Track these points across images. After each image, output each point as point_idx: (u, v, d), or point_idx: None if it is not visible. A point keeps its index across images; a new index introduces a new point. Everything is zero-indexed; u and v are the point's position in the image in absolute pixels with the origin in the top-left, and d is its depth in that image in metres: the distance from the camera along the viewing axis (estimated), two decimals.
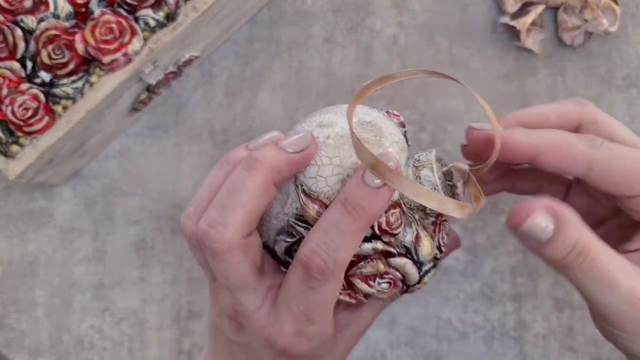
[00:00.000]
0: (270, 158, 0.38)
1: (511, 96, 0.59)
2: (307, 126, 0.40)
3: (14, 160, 0.51)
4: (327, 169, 0.38)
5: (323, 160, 0.38)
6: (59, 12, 0.51)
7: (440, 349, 0.58)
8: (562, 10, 0.58)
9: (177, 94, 0.60)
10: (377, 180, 0.36)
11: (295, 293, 0.38)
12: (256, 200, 0.37)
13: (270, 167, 0.38)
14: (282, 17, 0.60)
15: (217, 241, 0.37)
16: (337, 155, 0.38)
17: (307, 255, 0.37)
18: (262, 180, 0.37)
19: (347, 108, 0.39)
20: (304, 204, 0.38)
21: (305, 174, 0.39)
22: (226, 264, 0.37)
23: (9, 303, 0.59)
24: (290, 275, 0.38)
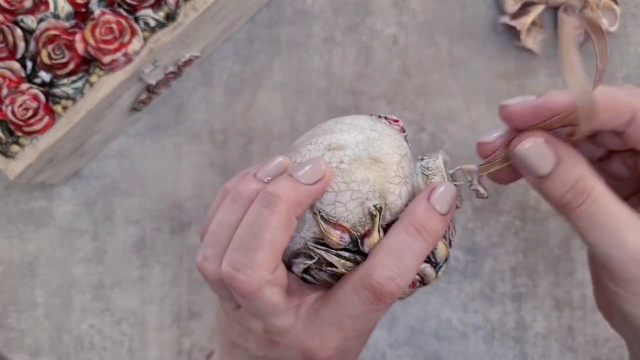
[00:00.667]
0: (289, 192, 0.37)
1: (511, 96, 0.59)
2: (315, 149, 0.40)
3: (14, 160, 0.51)
4: (346, 195, 0.38)
5: (340, 186, 0.38)
6: (59, 12, 0.51)
7: (440, 349, 0.58)
8: (562, 10, 0.58)
9: (177, 94, 0.60)
10: (445, 207, 0.38)
11: (355, 315, 0.38)
12: (281, 237, 0.37)
13: (291, 202, 0.37)
14: (282, 17, 0.60)
15: (247, 284, 0.37)
16: (354, 180, 0.38)
17: (381, 283, 0.37)
18: (285, 215, 0.37)
19: (352, 120, 0.39)
20: (325, 230, 0.38)
21: (323, 201, 0.39)
22: (258, 300, 0.37)
23: (9, 303, 0.59)
24: (349, 297, 0.38)
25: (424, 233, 0.38)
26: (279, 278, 0.38)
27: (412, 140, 0.58)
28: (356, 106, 0.59)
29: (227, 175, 0.59)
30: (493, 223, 0.59)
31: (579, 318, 0.58)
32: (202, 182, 0.59)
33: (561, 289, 0.58)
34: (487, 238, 0.58)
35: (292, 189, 0.38)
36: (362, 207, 0.38)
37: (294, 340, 0.39)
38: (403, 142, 0.42)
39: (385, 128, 0.41)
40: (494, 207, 0.59)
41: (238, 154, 0.59)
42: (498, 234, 0.58)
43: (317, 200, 0.39)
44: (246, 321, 0.40)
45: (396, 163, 0.39)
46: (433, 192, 0.39)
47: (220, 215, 0.40)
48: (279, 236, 0.37)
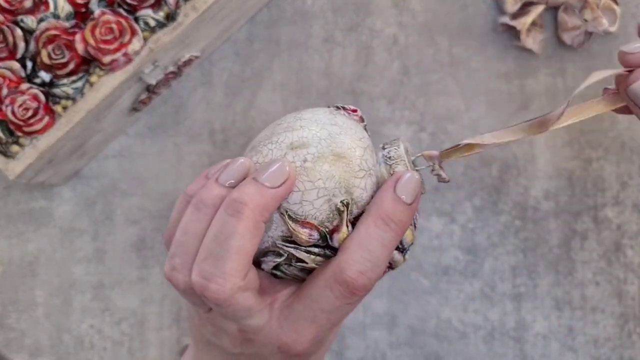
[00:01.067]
0: (255, 198, 0.37)
1: (511, 96, 0.59)
2: (277, 148, 0.39)
3: (14, 160, 0.51)
4: (312, 193, 0.38)
5: (306, 185, 0.38)
6: (59, 12, 0.51)
7: (440, 349, 0.58)
8: (562, 10, 0.58)
9: (177, 94, 0.60)
10: (410, 197, 0.38)
11: (329, 309, 0.38)
12: (249, 244, 0.37)
13: (257, 207, 0.37)
14: (282, 17, 0.60)
15: (220, 293, 0.36)
16: (319, 178, 0.38)
17: (353, 277, 0.37)
18: (253, 222, 0.37)
19: (312, 114, 0.39)
20: (294, 229, 0.38)
21: (289, 201, 0.38)
22: (232, 307, 0.37)
23: (9, 303, 0.59)
24: (323, 293, 0.38)
25: (392, 224, 0.38)
26: (250, 281, 0.38)
27: (412, 140, 0.59)
28: (356, 106, 0.59)
29: None
30: (493, 223, 0.59)
31: (578, 318, 0.58)
32: None
33: (561, 288, 0.58)
34: (487, 238, 0.58)
35: (258, 194, 0.37)
36: (329, 203, 0.38)
37: (270, 336, 0.39)
38: (364, 133, 0.41)
39: (345, 120, 0.41)
40: (494, 207, 0.59)
41: (238, 154, 0.59)
42: (498, 234, 0.59)
43: (284, 201, 0.38)
44: (220, 323, 0.40)
45: (359, 157, 0.39)
46: (398, 182, 0.39)
47: (185, 224, 0.39)
48: (247, 243, 0.37)
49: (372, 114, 0.59)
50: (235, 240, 0.37)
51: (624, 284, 0.58)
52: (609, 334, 0.58)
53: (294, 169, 0.38)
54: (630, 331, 0.58)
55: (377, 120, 0.59)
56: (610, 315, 0.58)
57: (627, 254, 0.58)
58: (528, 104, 0.59)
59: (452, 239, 0.59)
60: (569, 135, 0.59)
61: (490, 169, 0.59)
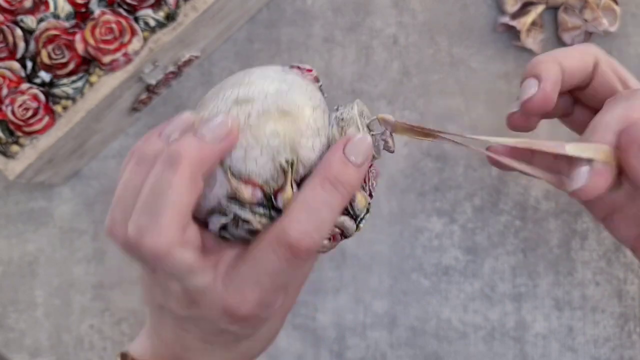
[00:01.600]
0: (192, 151, 0.36)
1: (511, 96, 0.59)
2: (222, 104, 0.38)
3: (13, 160, 0.51)
4: (255, 150, 0.37)
5: (249, 141, 0.37)
6: (59, 12, 0.51)
7: (440, 349, 0.58)
8: (562, 10, 0.58)
9: (177, 94, 0.60)
10: (360, 158, 0.37)
11: (273, 272, 0.37)
12: (186, 197, 0.36)
13: (194, 160, 0.36)
14: (282, 17, 0.60)
15: (154, 247, 0.35)
16: (263, 135, 0.37)
17: (296, 238, 0.36)
18: (189, 175, 0.36)
19: (262, 71, 0.38)
20: (236, 187, 0.37)
21: (232, 157, 0.37)
22: (169, 263, 0.36)
23: (9, 303, 0.59)
24: (266, 254, 0.37)
25: (339, 186, 0.37)
26: (190, 238, 0.37)
27: (411, 140, 0.59)
28: None
29: None
30: (493, 223, 0.59)
31: (579, 318, 0.58)
32: None
33: (561, 288, 0.58)
34: (487, 238, 0.59)
35: (196, 148, 0.36)
36: (274, 162, 0.37)
37: (214, 298, 0.38)
38: (317, 93, 0.40)
39: (296, 79, 0.40)
40: (494, 207, 0.59)
41: None
42: (498, 234, 0.59)
43: (227, 157, 0.37)
44: (164, 283, 0.39)
45: (308, 116, 0.38)
46: (347, 144, 0.38)
47: (126, 178, 0.38)
48: (184, 197, 0.36)
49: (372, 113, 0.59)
50: (171, 193, 0.35)
51: (624, 284, 0.58)
52: (609, 334, 0.58)
53: (236, 125, 0.37)
54: (630, 331, 0.58)
55: None
56: (610, 315, 0.58)
57: (627, 254, 0.58)
58: None
59: (452, 239, 0.59)
60: (569, 135, 0.59)
61: (490, 169, 0.59)
